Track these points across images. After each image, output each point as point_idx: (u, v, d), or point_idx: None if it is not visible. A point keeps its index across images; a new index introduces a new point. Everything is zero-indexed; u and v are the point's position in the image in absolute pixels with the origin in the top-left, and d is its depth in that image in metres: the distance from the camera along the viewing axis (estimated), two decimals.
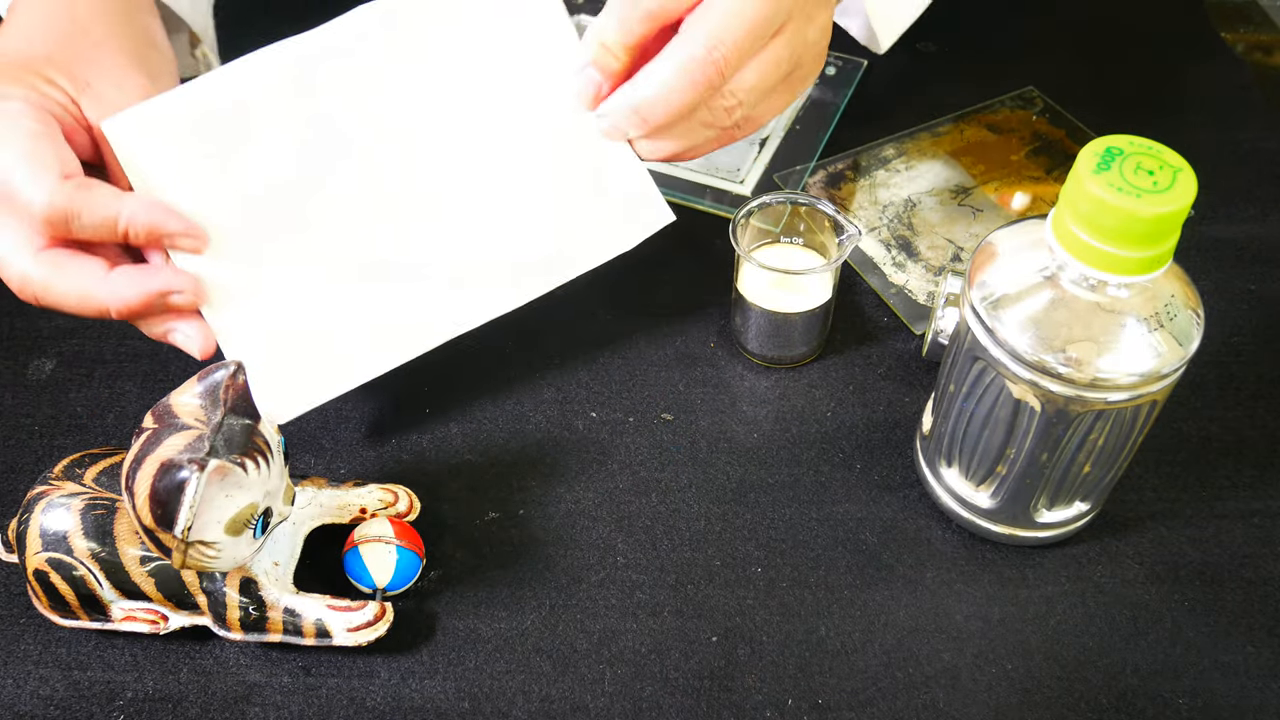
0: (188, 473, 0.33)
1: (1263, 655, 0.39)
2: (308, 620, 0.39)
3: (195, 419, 0.35)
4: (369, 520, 0.41)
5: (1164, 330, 0.34)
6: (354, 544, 0.40)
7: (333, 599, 0.39)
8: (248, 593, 0.38)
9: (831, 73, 0.64)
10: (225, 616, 0.38)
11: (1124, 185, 0.32)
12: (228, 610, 0.38)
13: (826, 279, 0.47)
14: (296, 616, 0.39)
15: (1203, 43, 0.67)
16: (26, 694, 0.39)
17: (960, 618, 0.41)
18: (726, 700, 0.39)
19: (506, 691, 0.39)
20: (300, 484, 0.42)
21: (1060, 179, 0.57)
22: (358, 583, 0.40)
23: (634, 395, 0.48)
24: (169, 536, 0.34)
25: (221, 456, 0.34)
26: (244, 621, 0.38)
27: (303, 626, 0.39)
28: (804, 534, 0.43)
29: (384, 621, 0.39)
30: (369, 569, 0.40)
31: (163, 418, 0.35)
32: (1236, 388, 0.48)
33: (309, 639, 0.39)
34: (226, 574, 0.38)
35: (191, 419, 0.35)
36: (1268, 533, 0.43)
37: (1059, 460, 0.38)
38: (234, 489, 0.35)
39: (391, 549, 0.40)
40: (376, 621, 0.39)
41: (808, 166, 0.58)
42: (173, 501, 0.34)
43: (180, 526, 0.34)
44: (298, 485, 0.42)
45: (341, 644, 0.39)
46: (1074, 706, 0.38)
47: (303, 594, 0.39)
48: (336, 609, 0.39)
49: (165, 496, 0.34)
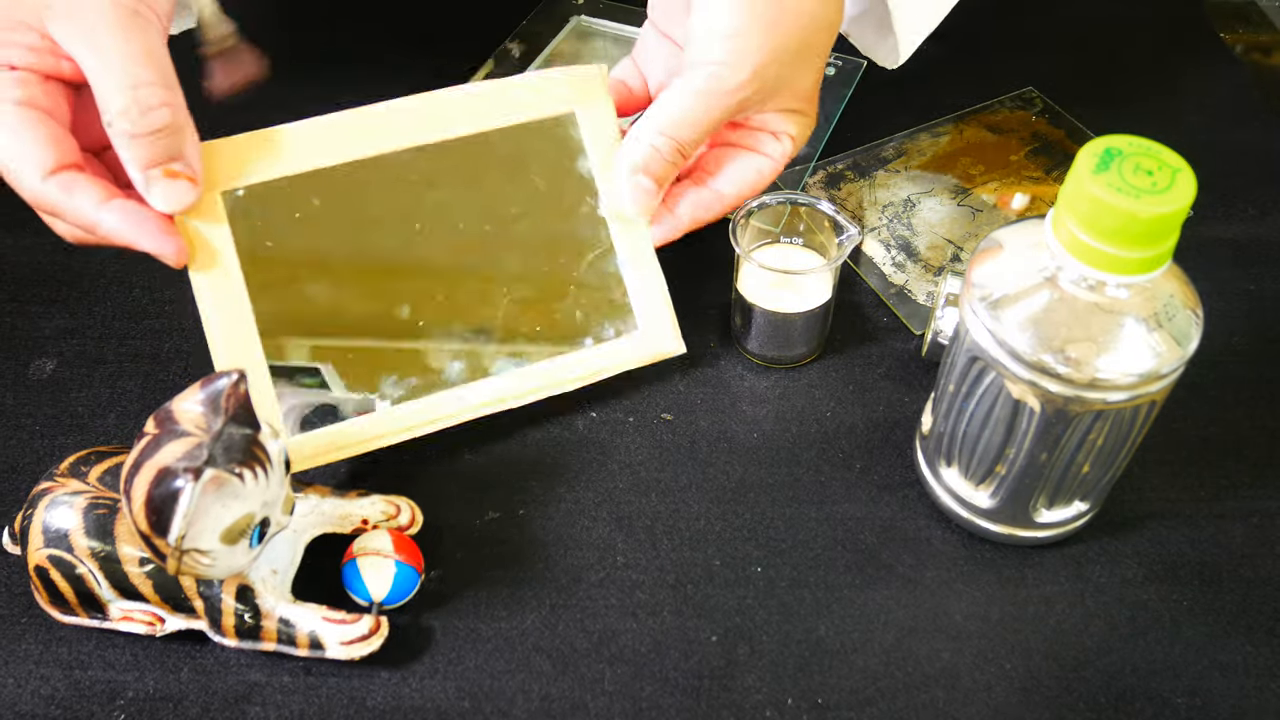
0: (182, 481, 0.33)
1: (1262, 655, 0.40)
2: (302, 631, 0.39)
3: (196, 426, 0.35)
4: (370, 533, 0.41)
5: (1163, 330, 0.34)
6: (352, 556, 0.40)
7: (329, 610, 0.39)
8: (244, 600, 0.38)
9: (831, 73, 0.64)
10: (221, 622, 0.38)
11: (1123, 186, 0.32)
12: (223, 616, 0.38)
13: (826, 279, 0.47)
14: (291, 626, 0.38)
15: (1202, 43, 0.67)
16: (28, 693, 0.39)
17: (960, 617, 0.41)
18: (726, 700, 0.39)
19: (506, 691, 0.39)
20: (303, 491, 0.42)
21: (1059, 179, 0.57)
22: (355, 596, 0.40)
23: (634, 395, 0.48)
24: (163, 543, 0.34)
25: (219, 466, 0.34)
26: (239, 628, 0.38)
27: (296, 637, 0.39)
28: (804, 534, 0.43)
29: (378, 636, 0.39)
30: (366, 583, 0.40)
31: (164, 423, 0.35)
32: (1235, 388, 0.48)
33: (302, 650, 0.39)
34: (224, 580, 0.38)
35: (192, 426, 0.35)
36: (1267, 532, 0.43)
37: (1058, 460, 0.38)
38: (230, 499, 0.35)
39: (390, 563, 0.40)
40: (371, 636, 0.39)
41: (808, 166, 0.58)
42: (167, 509, 0.33)
43: (174, 535, 0.34)
44: (300, 493, 0.42)
45: (334, 657, 0.39)
46: (1073, 706, 0.38)
47: (299, 603, 0.39)
48: (331, 621, 0.39)
49: (160, 504, 0.34)
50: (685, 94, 0.42)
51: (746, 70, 0.41)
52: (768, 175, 0.46)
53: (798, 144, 0.46)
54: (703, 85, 0.42)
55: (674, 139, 0.43)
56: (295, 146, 0.42)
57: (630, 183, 0.44)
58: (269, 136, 0.41)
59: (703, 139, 0.43)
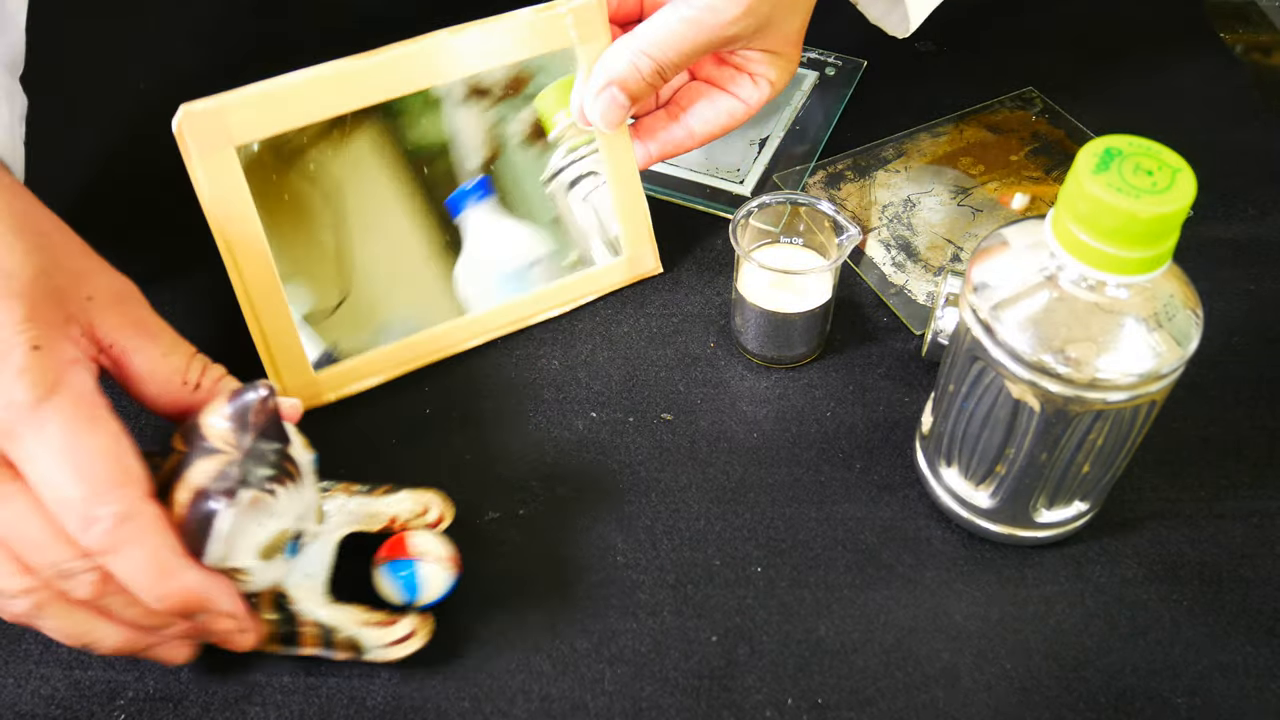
0: (217, 504, 0.33)
1: (1262, 655, 0.40)
2: (341, 635, 0.38)
3: (225, 443, 0.34)
4: (424, 534, 0.40)
5: (1163, 330, 0.34)
6: (410, 556, 0.39)
7: (365, 611, 0.38)
8: (280, 608, 0.38)
9: (831, 73, 0.64)
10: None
11: (1123, 186, 0.32)
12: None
13: (826, 279, 0.47)
14: (330, 631, 0.38)
15: (1202, 43, 0.67)
16: (28, 693, 0.39)
17: (960, 617, 0.41)
18: (726, 700, 0.39)
19: (506, 691, 0.39)
20: (329, 491, 0.41)
21: (1059, 179, 0.57)
22: (399, 594, 0.39)
23: (634, 395, 0.48)
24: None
25: (252, 485, 0.33)
26: (276, 637, 0.38)
27: (335, 641, 0.38)
28: (804, 534, 0.43)
29: (419, 637, 0.38)
30: (420, 585, 0.39)
31: (191, 440, 0.34)
32: (1235, 388, 0.48)
33: (341, 655, 0.38)
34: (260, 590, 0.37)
35: (221, 443, 0.34)
36: (1266, 533, 0.43)
37: (1058, 460, 0.38)
38: (265, 517, 0.34)
39: (450, 575, 0.40)
40: (412, 637, 0.38)
41: (808, 166, 0.58)
42: (203, 532, 0.33)
43: (211, 558, 0.33)
44: (325, 494, 0.41)
45: (374, 659, 0.38)
46: (1073, 706, 0.38)
47: (338, 604, 0.38)
48: (371, 625, 0.38)
49: (196, 527, 0.33)
50: (675, 19, 0.43)
51: (741, 6, 0.42)
52: (739, 118, 0.47)
53: (775, 89, 0.47)
54: (694, 14, 0.42)
55: (656, 60, 0.43)
56: (304, 97, 0.42)
57: (605, 94, 0.44)
58: (278, 88, 0.42)
59: (684, 66, 0.44)
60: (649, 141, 0.48)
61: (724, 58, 0.47)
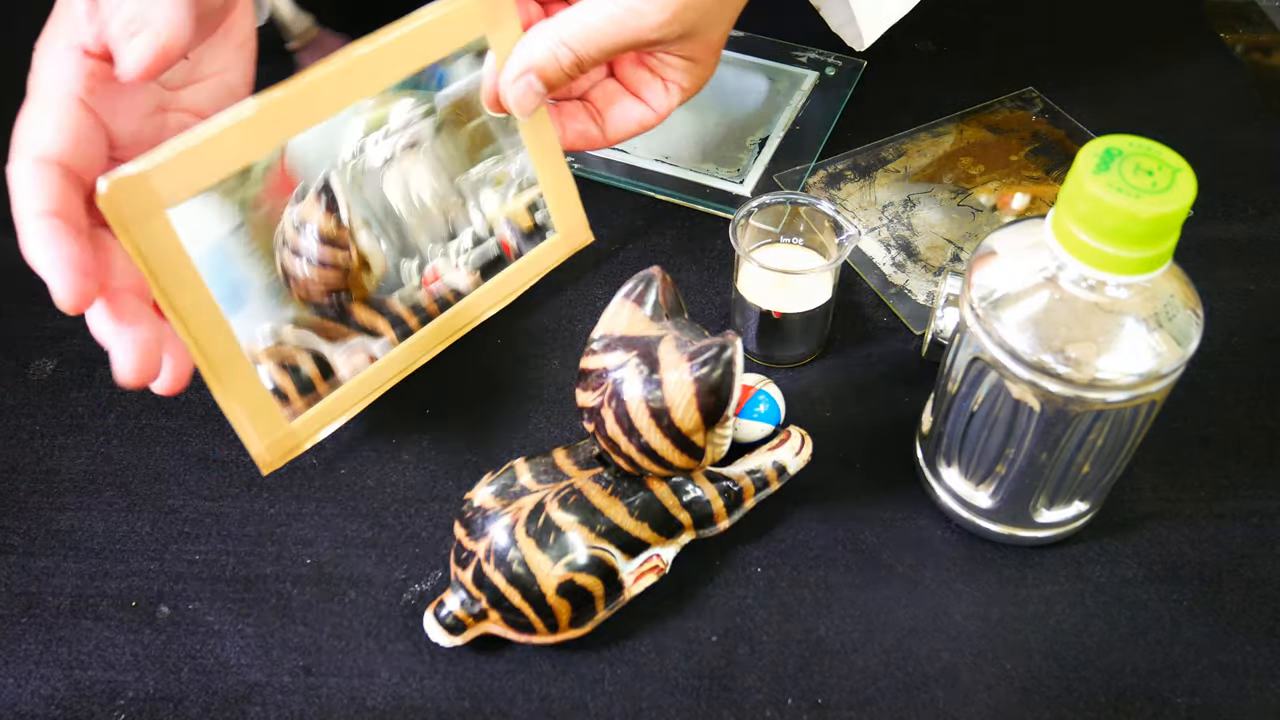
0: (726, 346, 0.36)
1: (1262, 655, 0.40)
2: (767, 468, 0.42)
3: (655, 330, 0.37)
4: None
5: (1163, 330, 0.34)
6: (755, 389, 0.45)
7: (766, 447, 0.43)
8: (716, 479, 0.41)
9: (831, 73, 0.64)
10: (713, 514, 0.41)
11: (1123, 185, 0.32)
12: (712, 504, 0.41)
13: (826, 279, 0.47)
14: (756, 472, 0.42)
15: (1202, 43, 0.67)
16: (28, 693, 0.39)
17: (960, 617, 0.41)
18: (726, 700, 0.39)
19: (506, 691, 0.39)
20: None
21: (1060, 179, 0.57)
22: (768, 416, 0.45)
23: None
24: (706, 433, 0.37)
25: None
26: (728, 505, 0.41)
27: (767, 476, 0.42)
28: (804, 534, 0.43)
29: (809, 444, 0.44)
30: (778, 403, 0.45)
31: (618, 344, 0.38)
32: (1235, 388, 0.48)
33: (774, 485, 0.42)
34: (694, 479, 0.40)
35: (651, 331, 0.37)
36: (1267, 533, 0.43)
37: (1058, 460, 0.38)
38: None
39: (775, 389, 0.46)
40: (805, 440, 0.44)
41: (808, 166, 0.58)
42: (726, 379, 0.36)
43: (734, 403, 0.37)
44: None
45: (794, 471, 0.43)
46: (1073, 706, 0.38)
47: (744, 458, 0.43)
48: (776, 448, 0.43)
49: (717, 381, 0.36)
50: (602, 15, 0.42)
51: (668, 11, 0.42)
52: (649, 126, 0.48)
53: (686, 96, 0.48)
54: (621, 14, 0.42)
55: (576, 53, 0.43)
56: (231, 143, 0.40)
57: (522, 81, 0.44)
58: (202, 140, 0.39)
59: (603, 62, 0.44)
60: (565, 134, 0.49)
61: (642, 59, 0.47)
